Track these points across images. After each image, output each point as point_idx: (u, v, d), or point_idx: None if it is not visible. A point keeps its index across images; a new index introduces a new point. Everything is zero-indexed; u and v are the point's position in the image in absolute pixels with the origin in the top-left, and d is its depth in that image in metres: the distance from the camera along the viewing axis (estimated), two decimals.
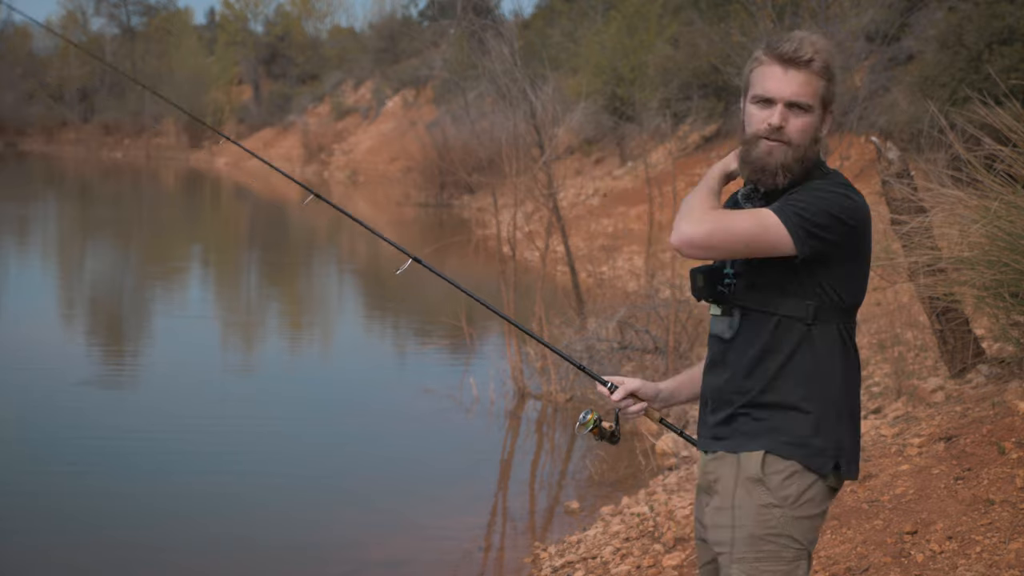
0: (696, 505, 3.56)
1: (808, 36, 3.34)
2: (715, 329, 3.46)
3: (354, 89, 63.73)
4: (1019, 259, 7.52)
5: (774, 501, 3.33)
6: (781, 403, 3.37)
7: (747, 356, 3.38)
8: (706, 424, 3.50)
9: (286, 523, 8.88)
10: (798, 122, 3.31)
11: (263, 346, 16.53)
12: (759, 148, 3.34)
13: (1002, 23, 17.35)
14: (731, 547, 3.35)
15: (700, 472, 3.52)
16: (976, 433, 6.65)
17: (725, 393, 3.42)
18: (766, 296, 3.36)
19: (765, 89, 3.33)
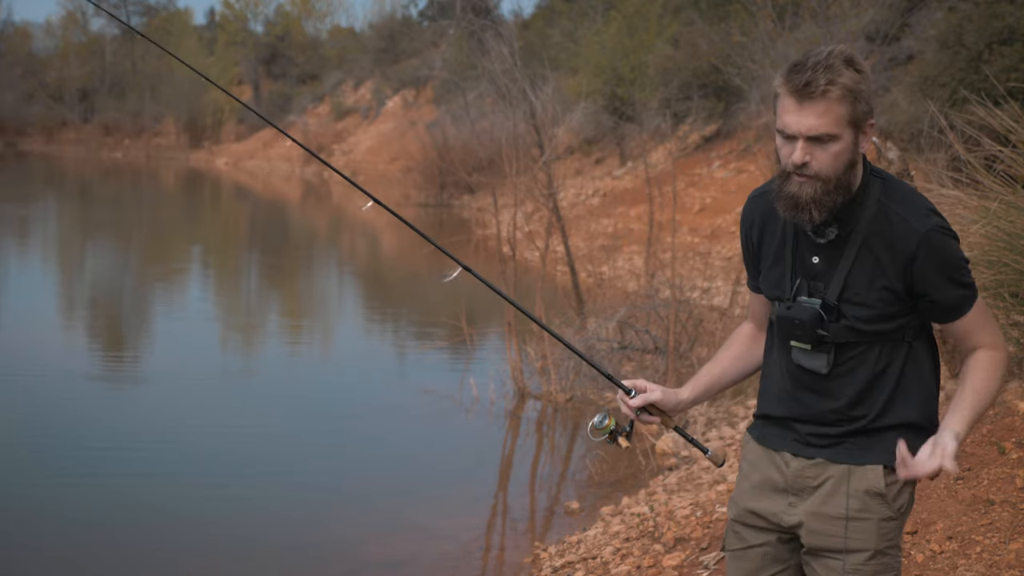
0: (751, 497, 3.50)
1: (824, 60, 3.12)
2: (804, 362, 3.36)
3: (354, 89, 63.73)
4: (1019, 259, 7.53)
5: (892, 514, 3.34)
6: (898, 424, 3.34)
7: (853, 387, 3.31)
8: (792, 430, 3.44)
9: (286, 523, 8.88)
10: (824, 155, 3.15)
11: (263, 347, 16.53)
12: (791, 183, 3.21)
13: (1002, 23, 17.36)
14: (843, 557, 3.32)
15: (780, 473, 3.44)
16: (976, 433, 6.65)
17: (827, 418, 3.37)
18: (868, 329, 3.28)
19: (784, 124, 3.17)
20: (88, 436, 11.07)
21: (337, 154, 55.36)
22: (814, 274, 3.32)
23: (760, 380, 3.60)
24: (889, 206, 3.24)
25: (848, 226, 3.26)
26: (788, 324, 3.33)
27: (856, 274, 3.26)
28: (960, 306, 3.28)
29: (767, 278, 3.45)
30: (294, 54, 72.71)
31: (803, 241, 3.35)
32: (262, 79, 72.37)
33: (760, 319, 3.64)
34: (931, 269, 3.21)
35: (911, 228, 3.21)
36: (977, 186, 7.94)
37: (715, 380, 3.63)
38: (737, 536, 3.56)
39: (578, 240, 23.48)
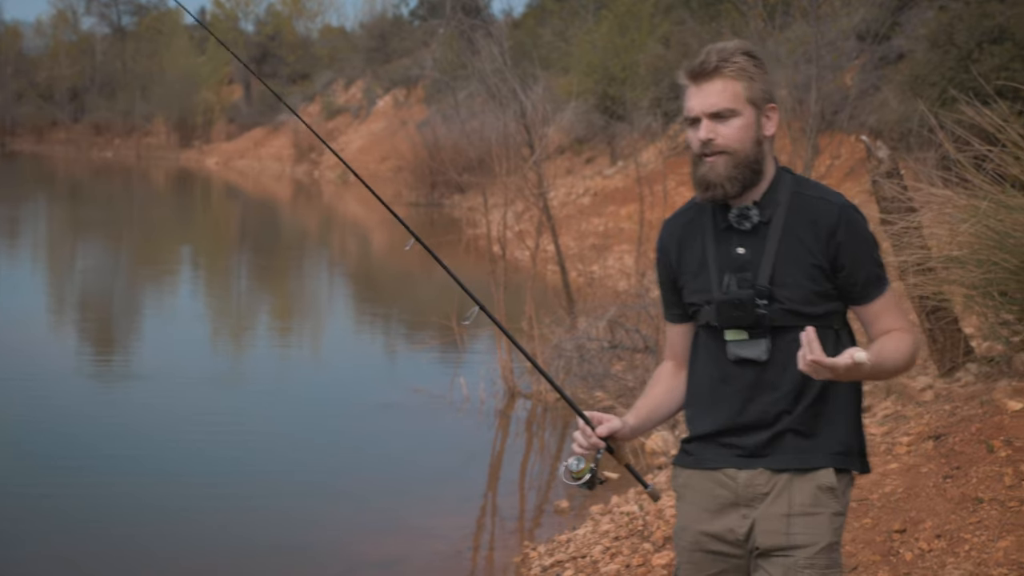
0: (703, 520, 3.49)
1: (717, 46, 3.35)
2: (743, 353, 3.38)
3: (345, 89, 63.65)
4: (1008, 258, 7.54)
5: (841, 509, 3.41)
6: (833, 414, 3.40)
7: (791, 375, 3.34)
8: (729, 445, 3.44)
9: (277, 523, 8.87)
10: (727, 130, 3.31)
11: (253, 347, 16.52)
12: (702, 166, 3.35)
13: (992, 22, 17.38)
14: (795, 552, 3.35)
15: (727, 488, 3.44)
16: (965, 432, 6.66)
17: (766, 417, 3.39)
18: (801, 311, 3.35)
19: (688, 109, 3.36)
20: (78, 436, 11.06)
21: (328, 154, 55.28)
22: (740, 265, 3.38)
23: (686, 407, 3.59)
24: (803, 192, 3.40)
25: (768, 211, 3.37)
26: (726, 307, 3.35)
27: (783, 256, 3.34)
28: (877, 284, 3.41)
29: (692, 287, 3.48)
30: (285, 53, 72.60)
31: (725, 238, 3.43)
32: (253, 78, 72.26)
33: (680, 354, 3.64)
34: (851, 242, 3.35)
35: (830, 204, 3.38)
36: (966, 185, 7.95)
37: (652, 412, 3.61)
38: (694, 566, 3.54)
39: (568, 239, 23.48)
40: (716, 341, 3.43)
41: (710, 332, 3.45)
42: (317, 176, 52.37)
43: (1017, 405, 6.73)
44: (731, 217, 3.39)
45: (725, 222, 3.42)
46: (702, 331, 3.49)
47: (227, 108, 71.03)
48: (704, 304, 3.43)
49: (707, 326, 3.45)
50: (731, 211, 3.40)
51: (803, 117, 20.30)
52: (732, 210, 3.40)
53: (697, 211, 3.53)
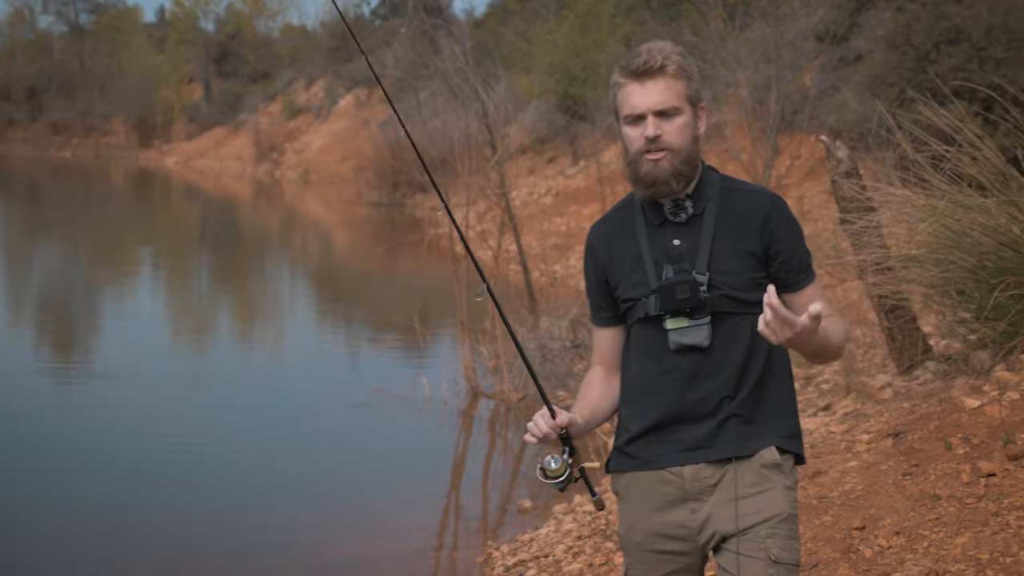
0: (651, 521, 3.50)
1: (654, 45, 3.41)
2: (686, 340, 3.41)
3: (306, 88, 63.45)
4: (965, 257, 7.61)
5: (791, 484, 3.47)
6: (772, 400, 3.47)
7: (732, 361, 3.40)
8: (670, 442, 3.46)
9: (239, 524, 8.87)
10: (671, 127, 3.38)
11: (214, 348, 16.47)
12: (645, 163, 3.40)
13: (949, 23, 17.50)
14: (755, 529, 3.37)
15: (673, 485, 3.46)
16: (923, 429, 6.72)
17: (710, 403, 3.42)
18: (739, 297, 3.41)
19: (632, 107, 3.39)
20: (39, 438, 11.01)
21: (289, 153, 55.13)
22: (677, 256, 3.43)
23: (623, 407, 3.60)
24: (732, 186, 3.51)
25: (701, 203, 3.45)
26: (668, 291, 3.39)
27: (719, 245, 3.42)
28: (807, 271, 3.49)
29: (628, 283, 3.51)
30: (245, 52, 72.28)
31: (659, 232, 3.48)
32: (213, 77, 71.90)
33: (609, 359, 3.66)
34: (783, 229, 3.46)
35: (761, 194, 3.52)
36: (924, 185, 8.01)
37: (592, 414, 3.62)
38: (646, 567, 3.55)
39: (531, 239, 23.51)
40: (655, 333, 3.46)
41: (648, 325, 3.47)
42: (278, 176, 52.21)
43: (975, 403, 6.80)
44: (666, 210, 3.45)
45: (658, 217, 3.47)
46: (638, 327, 3.51)
47: (187, 107, 70.70)
48: (643, 297, 3.46)
49: (645, 319, 3.47)
50: (666, 204, 3.46)
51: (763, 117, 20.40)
52: (667, 203, 3.45)
53: (625, 211, 3.59)
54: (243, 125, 61.36)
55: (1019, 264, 7.38)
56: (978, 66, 16.65)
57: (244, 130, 60.65)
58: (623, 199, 3.64)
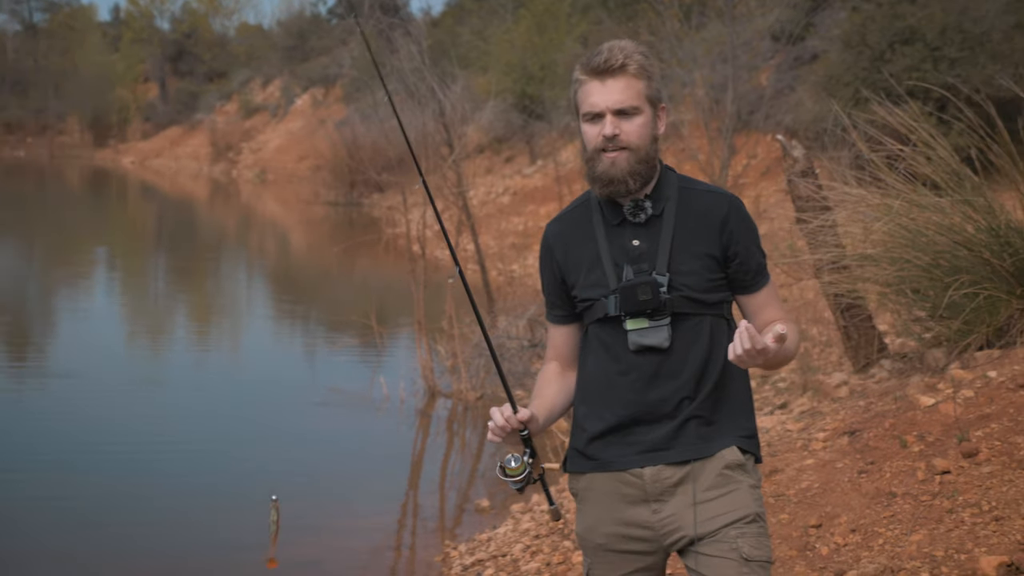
0: (611, 520, 3.49)
1: (616, 43, 3.40)
2: (645, 341, 3.40)
3: (262, 87, 63.23)
4: (920, 256, 7.66)
5: (755, 482, 3.46)
6: (731, 401, 3.47)
7: (692, 362, 3.40)
8: (628, 444, 3.46)
9: (194, 525, 8.82)
10: (630, 126, 3.37)
11: (170, 349, 16.37)
12: (602, 162, 3.40)
13: (904, 23, 17.62)
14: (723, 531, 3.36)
15: (632, 486, 3.45)
16: (879, 427, 6.76)
17: (670, 404, 3.41)
18: (699, 298, 3.41)
19: (591, 105, 3.39)
20: None
21: (246, 152, 54.96)
22: (637, 256, 3.43)
23: (580, 407, 3.59)
24: (690, 188, 3.50)
25: (660, 204, 3.45)
26: (630, 292, 3.38)
27: (678, 246, 3.41)
28: (763, 274, 3.51)
29: (586, 283, 3.49)
30: (201, 51, 71.97)
31: (618, 232, 3.47)
32: (168, 76, 71.57)
33: (565, 356, 3.66)
34: (741, 231, 3.46)
35: (719, 196, 3.50)
36: (880, 184, 8.07)
37: (550, 411, 3.60)
38: (609, 566, 3.54)
39: (488, 238, 23.51)
40: (614, 333, 3.45)
41: (607, 325, 3.46)
42: (235, 175, 52.01)
43: (929, 400, 6.84)
44: (626, 210, 3.44)
45: (617, 217, 3.47)
46: (597, 327, 3.50)
47: (143, 106, 70.34)
48: (602, 297, 3.45)
49: (604, 320, 3.46)
50: (625, 205, 3.45)
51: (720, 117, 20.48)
52: (627, 204, 3.45)
53: (581, 210, 3.57)
54: (199, 124, 61.12)
55: (973, 263, 7.44)
56: (932, 66, 16.78)
57: (200, 129, 60.41)
58: (579, 197, 3.63)
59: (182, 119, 64.32)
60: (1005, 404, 6.39)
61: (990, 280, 7.37)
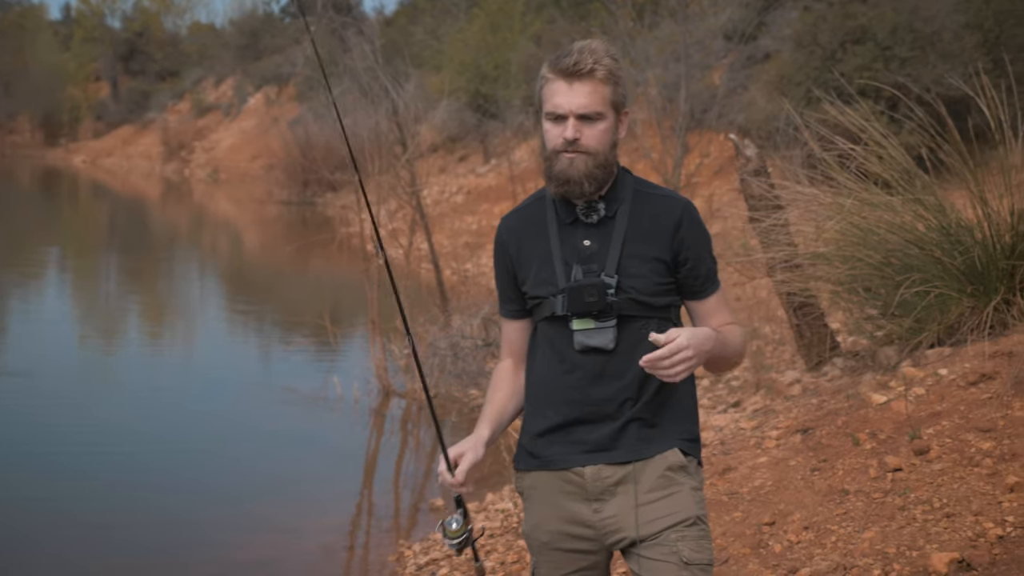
0: (557, 518, 3.50)
1: (588, 45, 3.39)
2: (591, 342, 3.41)
3: (215, 86, 62.90)
4: (871, 254, 7.70)
5: (697, 484, 3.48)
6: (675, 404, 3.47)
7: (636, 365, 3.37)
8: (573, 442, 3.46)
9: (147, 526, 8.76)
10: (592, 132, 3.37)
11: (123, 350, 16.27)
12: (560, 161, 3.39)
13: (855, 23, 17.74)
14: (664, 534, 3.38)
15: (574, 485, 3.46)
16: (831, 425, 6.79)
17: (613, 404, 3.42)
18: (646, 301, 3.41)
19: (555, 105, 3.38)
20: None
21: (198, 152, 54.68)
22: (587, 257, 3.43)
23: (527, 403, 3.60)
24: (646, 191, 3.51)
25: (614, 206, 3.46)
26: (577, 293, 3.39)
27: (628, 249, 3.42)
28: (714, 280, 3.52)
29: (536, 280, 3.50)
30: (153, 50, 71.47)
31: (570, 231, 3.48)
32: (120, 75, 71.04)
33: (519, 352, 3.67)
34: (693, 237, 3.47)
35: (673, 200, 3.51)
36: (832, 183, 8.10)
37: (500, 417, 3.61)
38: (553, 565, 3.55)
39: (442, 238, 23.48)
40: (561, 332, 3.46)
41: (554, 324, 3.47)
42: (187, 174, 51.73)
43: (881, 398, 6.88)
44: (579, 210, 3.45)
45: (570, 216, 3.48)
46: (544, 325, 3.51)
47: (94, 105, 69.78)
48: (550, 296, 3.46)
49: (552, 318, 3.47)
50: (578, 205, 3.46)
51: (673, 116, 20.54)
52: (580, 204, 3.46)
53: (537, 207, 3.59)
54: (151, 123, 60.70)
55: (924, 261, 7.49)
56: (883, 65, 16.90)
57: (152, 128, 60.00)
58: (534, 193, 3.64)
59: (134, 118, 63.85)
60: (956, 402, 6.44)
61: (941, 278, 7.42)
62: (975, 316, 7.39)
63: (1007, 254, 7.30)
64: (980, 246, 7.35)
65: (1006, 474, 5.48)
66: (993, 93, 7.40)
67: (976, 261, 7.32)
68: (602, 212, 3.44)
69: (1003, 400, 6.22)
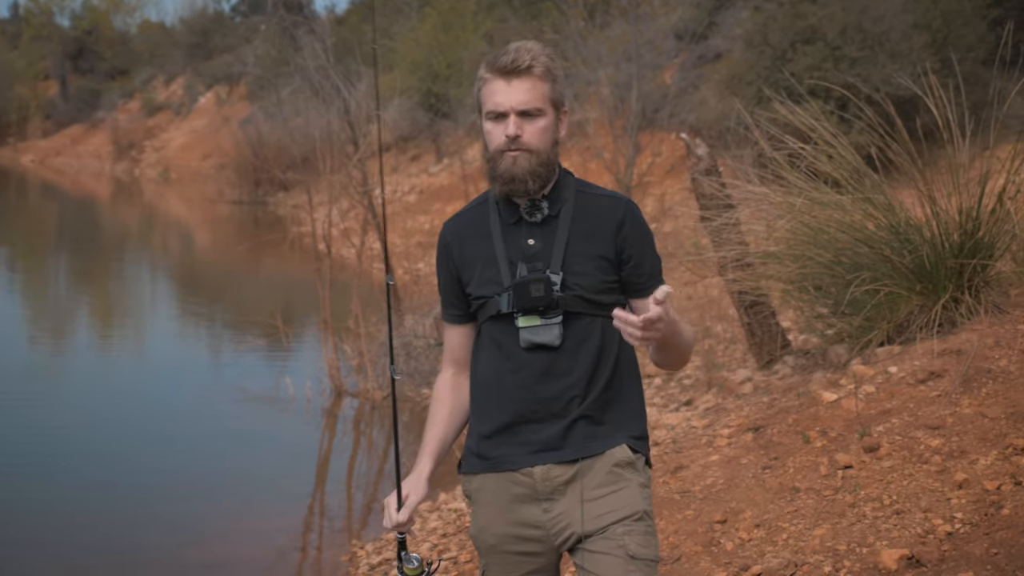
0: (506, 520, 3.50)
1: (523, 44, 3.42)
2: (536, 339, 3.42)
3: (165, 85, 62.51)
4: (822, 253, 7.75)
5: (645, 482, 3.48)
6: (622, 401, 3.48)
7: (582, 362, 3.41)
8: (520, 443, 3.47)
9: (97, 528, 8.71)
10: (533, 128, 3.38)
11: (72, 351, 16.16)
12: (504, 160, 3.40)
13: (805, 23, 17.83)
14: (611, 528, 3.38)
15: (523, 486, 3.46)
16: (782, 423, 6.83)
17: (560, 402, 3.43)
18: (592, 298, 3.42)
19: (495, 104, 3.39)
20: None
21: (149, 151, 54.32)
22: (531, 255, 3.44)
23: (472, 405, 3.61)
24: (588, 192, 3.53)
25: (557, 205, 3.47)
26: (522, 289, 3.40)
27: (573, 247, 3.43)
28: (657, 275, 3.51)
29: (480, 280, 3.50)
30: (103, 49, 70.93)
31: (513, 231, 3.49)
32: (69, 74, 70.47)
33: (461, 358, 3.66)
34: (636, 234, 3.47)
35: (615, 200, 3.53)
36: (782, 182, 8.15)
37: (442, 442, 3.63)
38: (501, 568, 3.55)
39: (395, 237, 23.46)
40: (506, 331, 3.46)
41: (500, 322, 3.47)
42: (138, 174, 51.38)
43: (832, 396, 6.92)
44: (522, 210, 3.46)
45: (514, 216, 3.48)
46: (489, 324, 3.50)
47: (43, 104, 69.15)
48: (495, 294, 3.46)
49: (497, 317, 3.47)
50: (522, 204, 3.46)
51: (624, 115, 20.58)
52: (523, 203, 3.46)
53: (479, 209, 3.59)
54: (101, 123, 60.23)
55: (874, 260, 7.54)
56: (833, 65, 16.99)
57: (102, 128, 59.54)
58: (478, 197, 3.64)
59: (83, 117, 63.35)
60: (905, 399, 6.49)
61: (890, 277, 7.48)
62: (924, 314, 7.45)
63: (955, 253, 7.36)
64: (929, 245, 7.40)
65: (955, 471, 5.53)
66: (941, 93, 7.47)
67: (925, 260, 7.38)
68: (546, 211, 3.45)
69: (952, 398, 6.27)
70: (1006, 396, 6.12)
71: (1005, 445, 5.62)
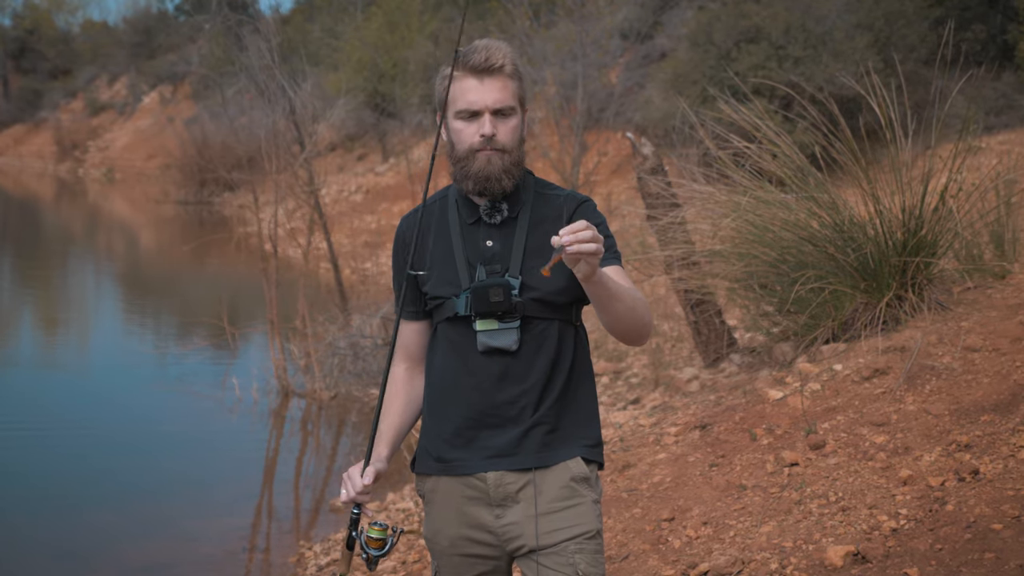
0: (459, 522, 3.50)
1: (491, 43, 3.42)
2: (493, 343, 3.40)
3: (109, 85, 62.06)
4: (767, 251, 7.80)
5: (597, 498, 3.48)
6: (578, 407, 3.48)
7: (538, 367, 3.41)
8: (476, 448, 3.46)
9: (41, 530, 8.63)
10: (505, 127, 3.39)
11: (14, 353, 16.01)
12: (478, 161, 3.39)
13: (749, 22, 17.93)
14: (564, 545, 3.38)
15: (477, 490, 3.46)
16: (729, 421, 6.86)
17: (515, 407, 3.42)
18: (550, 301, 3.41)
19: (469, 102, 3.39)
20: None
21: (92, 151, 53.91)
22: (490, 257, 3.43)
23: (426, 406, 3.60)
24: (545, 192, 3.53)
25: (516, 207, 3.47)
26: (481, 293, 3.38)
27: (532, 248, 3.42)
28: (613, 252, 3.45)
29: (438, 280, 3.49)
30: (45, 48, 70.29)
31: (472, 232, 3.48)
32: (11, 74, 69.83)
33: (415, 354, 3.65)
34: (583, 215, 3.45)
35: (570, 198, 3.53)
36: (727, 181, 8.20)
37: (398, 432, 3.61)
38: (453, 569, 3.55)
39: (341, 237, 23.39)
40: (463, 333, 3.45)
41: (456, 325, 3.46)
42: (82, 174, 50.99)
43: (778, 394, 6.97)
44: (482, 210, 3.45)
45: (473, 216, 3.48)
46: (445, 325, 3.49)
47: None
48: (452, 296, 3.45)
49: (453, 319, 3.46)
50: (482, 205, 3.46)
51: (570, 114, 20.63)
52: (483, 204, 3.46)
53: (439, 207, 3.57)
54: (44, 122, 59.72)
55: (818, 258, 7.60)
56: (777, 64, 17.10)
57: (45, 127, 59.04)
58: (436, 193, 3.62)
59: (26, 117, 62.78)
60: (850, 396, 6.54)
61: (835, 275, 7.54)
62: (868, 312, 7.52)
63: (899, 251, 7.42)
64: (873, 243, 7.47)
65: (899, 468, 5.57)
66: (883, 92, 7.53)
67: (869, 258, 7.44)
68: (505, 213, 3.45)
69: (896, 395, 6.33)
70: (949, 393, 6.18)
71: (949, 442, 5.68)
